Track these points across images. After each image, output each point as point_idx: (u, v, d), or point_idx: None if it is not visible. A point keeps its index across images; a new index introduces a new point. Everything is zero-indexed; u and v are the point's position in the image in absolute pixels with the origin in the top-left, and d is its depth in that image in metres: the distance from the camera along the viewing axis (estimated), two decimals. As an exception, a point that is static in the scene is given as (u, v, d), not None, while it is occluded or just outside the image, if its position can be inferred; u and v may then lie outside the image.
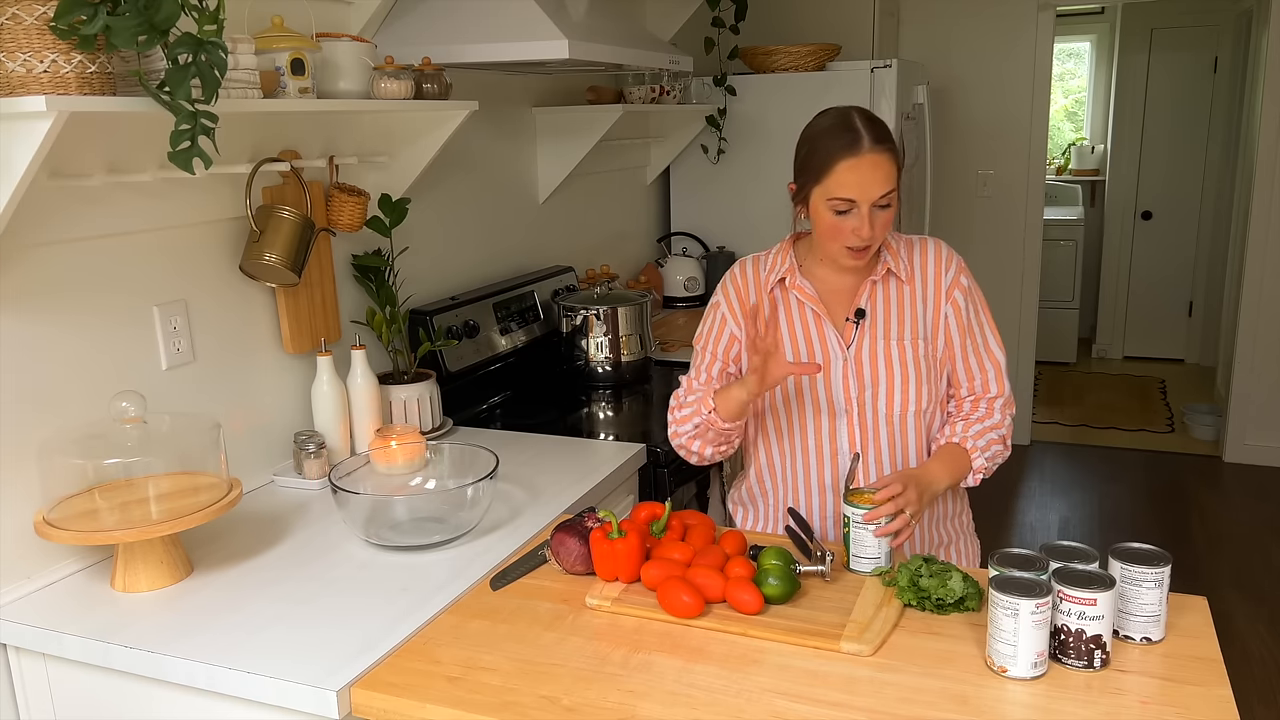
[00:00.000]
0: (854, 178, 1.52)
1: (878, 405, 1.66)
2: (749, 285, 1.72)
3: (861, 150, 1.52)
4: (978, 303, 1.69)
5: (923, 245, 1.69)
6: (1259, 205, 4.43)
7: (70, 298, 1.58)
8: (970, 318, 1.67)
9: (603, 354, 2.66)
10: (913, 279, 1.67)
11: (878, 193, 1.53)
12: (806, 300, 1.68)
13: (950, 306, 1.66)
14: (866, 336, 1.66)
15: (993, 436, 1.66)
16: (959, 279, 1.67)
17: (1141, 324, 6.49)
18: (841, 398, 1.67)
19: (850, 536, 1.48)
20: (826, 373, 1.67)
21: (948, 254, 1.69)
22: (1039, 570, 1.27)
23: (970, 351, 1.67)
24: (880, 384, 1.65)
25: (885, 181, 1.53)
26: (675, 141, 3.65)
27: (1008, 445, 1.68)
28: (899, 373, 1.64)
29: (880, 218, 1.56)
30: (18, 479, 1.52)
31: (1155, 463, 4.76)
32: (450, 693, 1.23)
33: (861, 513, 1.47)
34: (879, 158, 1.52)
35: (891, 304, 1.67)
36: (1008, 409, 1.69)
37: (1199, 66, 6.05)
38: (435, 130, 2.15)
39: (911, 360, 1.64)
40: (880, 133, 1.55)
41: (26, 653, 1.48)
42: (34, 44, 1.25)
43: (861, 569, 1.48)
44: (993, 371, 1.68)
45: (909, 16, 4.70)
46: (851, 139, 1.53)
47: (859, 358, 1.66)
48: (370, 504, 1.65)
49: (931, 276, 1.67)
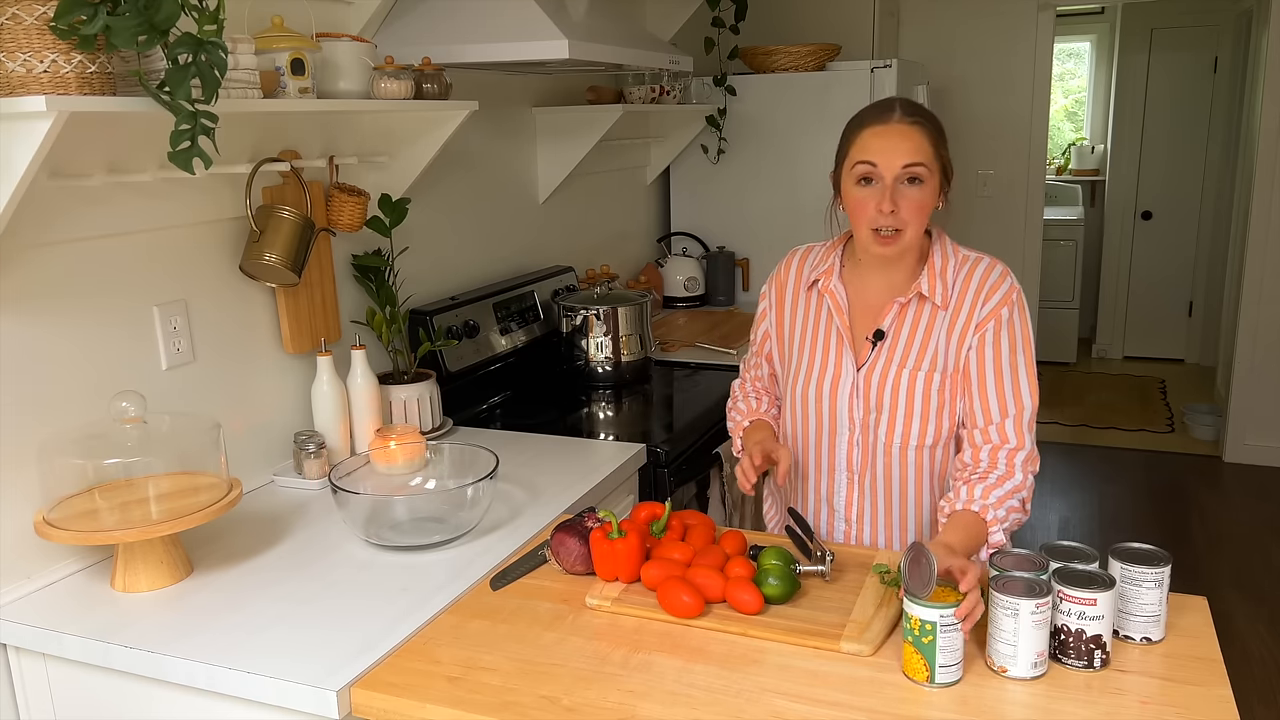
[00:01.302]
0: (878, 143, 1.48)
1: (879, 431, 1.60)
2: (789, 279, 1.71)
3: (890, 119, 1.49)
4: (1018, 339, 1.53)
5: (974, 265, 1.56)
6: (1259, 205, 4.43)
7: (70, 298, 1.58)
8: (1004, 353, 1.52)
9: (603, 354, 2.66)
10: (948, 304, 1.55)
11: (901, 161, 1.46)
12: (834, 310, 1.63)
13: (978, 338, 1.53)
14: (881, 359, 1.58)
15: (1013, 504, 1.47)
16: (1000, 310, 1.52)
17: (1141, 324, 6.50)
18: (845, 417, 1.62)
19: (936, 644, 1.19)
20: (834, 388, 1.62)
21: (996, 279, 1.54)
22: (1039, 570, 1.27)
23: (993, 390, 1.52)
24: (884, 410, 1.58)
25: (913, 152, 1.46)
26: (675, 141, 3.65)
27: (1027, 509, 1.51)
28: (905, 402, 1.56)
29: (907, 195, 1.47)
30: (18, 479, 1.52)
31: (1155, 463, 4.76)
32: (450, 693, 1.23)
33: (950, 611, 1.18)
34: (908, 128, 1.48)
35: (918, 330, 1.56)
36: (1029, 466, 1.50)
37: (1199, 66, 6.05)
38: (435, 130, 2.15)
39: (922, 392, 1.55)
40: (917, 110, 1.51)
41: (26, 653, 1.48)
42: (34, 44, 1.25)
43: (950, 679, 1.20)
44: (1014, 417, 1.51)
45: (909, 16, 4.70)
46: (883, 110, 1.51)
47: (869, 379, 1.59)
48: (370, 504, 1.65)
49: (968, 301, 1.54)
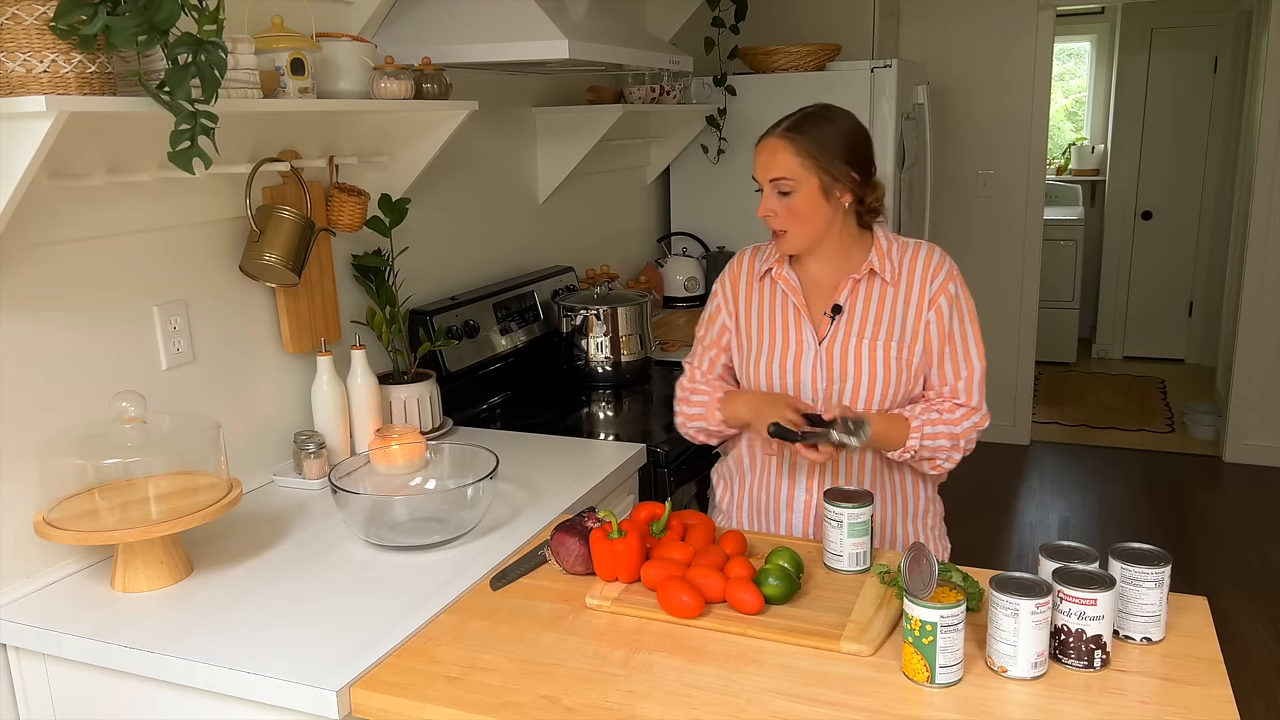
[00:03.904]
0: (758, 158, 1.68)
1: (844, 399, 1.70)
2: (742, 273, 1.82)
3: (770, 135, 1.67)
4: (964, 311, 1.70)
5: (916, 249, 1.73)
6: (1259, 205, 4.43)
7: (70, 298, 1.58)
8: (954, 324, 1.69)
9: (603, 354, 2.66)
10: (898, 281, 1.70)
11: (768, 175, 1.65)
12: (789, 292, 1.74)
13: (934, 313, 1.68)
14: (841, 332, 1.70)
15: (943, 430, 1.66)
16: (946, 286, 1.69)
17: (1141, 324, 6.49)
18: (809, 389, 1.72)
19: (936, 645, 1.20)
20: (798, 363, 1.72)
21: (939, 260, 1.71)
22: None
23: (948, 357, 1.69)
24: (849, 379, 1.69)
25: (777, 166, 1.64)
26: (675, 141, 3.65)
27: (959, 447, 1.68)
28: (868, 370, 1.68)
29: (781, 203, 1.65)
30: (18, 479, 1.52)
31: (1155, 463, 4.76)
32: (450, 693, 1.23)
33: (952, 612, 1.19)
34: (778, 144, 1.65)
35: (871, 303, 1.70)
36: (972, 418, 1.69)
37: (1199, 66, 6.05)
38: (435, 130, 2.15)
39: (882, 360, 1.68)
40: (800, 125, 1.65)
41: (26, 653, 1.48)
42: (34, 44, 1.25)
43: (950, 679, 1.21)
44: (965, 379, 1.69)
45: (909, 16, 4.70)
46: (775, 125, 1.68)
47: (830, 351, 1.70)
48: (370, 504, 1.65)
49: (918, 280, 1.70)
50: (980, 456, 4.72)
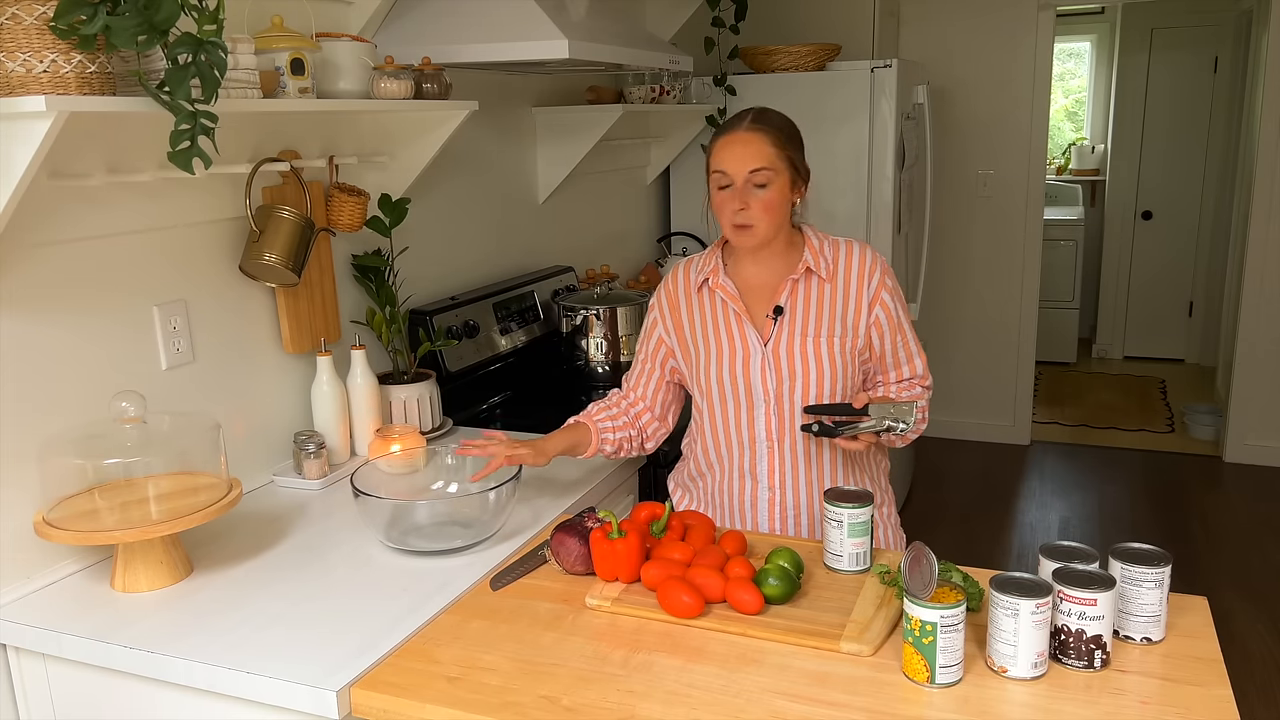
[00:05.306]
0: (728, 152, 1.66)
1: (794, 397, 1.73)
2: (678, 289, 1.83)
3: (738, 129, 1.67)
4: (899, 300, 1.79)
5: (848, 247, 1.77)
6: (1259, 205, 4.43)
7: (70, 298, 1.58)
8: (899, 318, 1.77)
9: (602, 354, 2.66)
10: (834, 278, 1.74)
11: (747, 166, 1.64)
12: (728, 299, 1.76)
13: (881, 310, 1.75)
14: (784, 332, 1.73)
15: (918, 391, 1.81)
16: (885, 281, 1.76)
17: (1141, 324, 6.49)
18: (759, 390, 1.74)
19: (936, 645, 1.20)
20: (746, 366, 1.74)
21: (872, 258, 1.77)
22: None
23: (901, 346, 1.79)
24: (797, 377, 1.72)
25: (756, 158, 1.64)
26: (675, 141, 3.65)
27: (925, 415, 1.78)
28: (814, 366, 1.72)
29: (756, 196, 1.65)
30: (18, 479, 1.52)
31: (1155, 463, 4.76)
32: (450, 693, 1.23)
33: (952, 612, 1.19)
34: (752, 135, 1.65)
35: (811, 301, 1.74)
36: (924, 382, 1.83)
37: (1199, 66, 6.05)
38: (435, 130, 2.15)
39: (827, 355, 1.72)
40: (764, 118, 1.67)
41: (26, 653, 1.48)
42: (34, 44, 1.25)
43: (950, 679, 1.22)
44: (920, 359, 1.82)
45: (909, 16, 4.70)
46: (735, 121, 1.69)
47: (776, 352, 1.73)
48: (392, 508, 1.62)
49: (855, 277, 1.75)
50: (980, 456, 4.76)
